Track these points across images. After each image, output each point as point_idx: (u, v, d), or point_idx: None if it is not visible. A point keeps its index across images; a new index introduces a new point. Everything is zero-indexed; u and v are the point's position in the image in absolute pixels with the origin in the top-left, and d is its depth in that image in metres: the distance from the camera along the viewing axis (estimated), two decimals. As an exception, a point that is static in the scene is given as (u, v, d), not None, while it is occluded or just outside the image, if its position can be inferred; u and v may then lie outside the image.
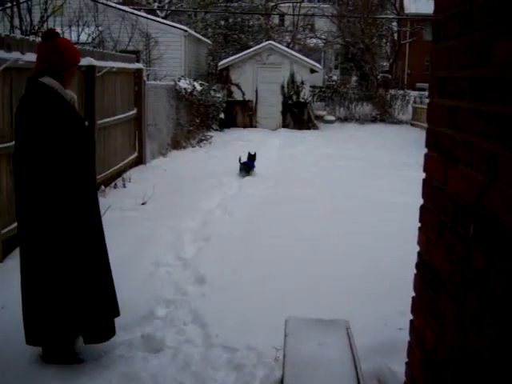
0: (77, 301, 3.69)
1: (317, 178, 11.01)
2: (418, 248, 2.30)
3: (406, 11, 40.91)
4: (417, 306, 2.29)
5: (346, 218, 7.82)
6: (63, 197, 3.54)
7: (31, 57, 6.04)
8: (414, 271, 2.41)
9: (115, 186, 9.06)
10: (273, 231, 7.08)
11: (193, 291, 5.20)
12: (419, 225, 2.27)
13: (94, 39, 13.39)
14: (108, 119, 9.20)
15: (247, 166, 10.97)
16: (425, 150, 2.33)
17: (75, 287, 3.68)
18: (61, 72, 3.62)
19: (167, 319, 4.57)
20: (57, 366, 3.71)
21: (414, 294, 2.42)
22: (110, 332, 3.88)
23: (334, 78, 36.54)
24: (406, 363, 2.50)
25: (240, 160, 11.00)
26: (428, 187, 2.15)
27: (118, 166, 9.69)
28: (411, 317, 2.43)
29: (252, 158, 11.00)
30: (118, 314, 4.01)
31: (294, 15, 32.59)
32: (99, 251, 3.86)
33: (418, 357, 2.23)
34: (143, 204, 8.22)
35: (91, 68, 8.20)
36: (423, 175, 2.23)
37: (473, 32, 1.68)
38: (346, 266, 5.87)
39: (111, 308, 3.96)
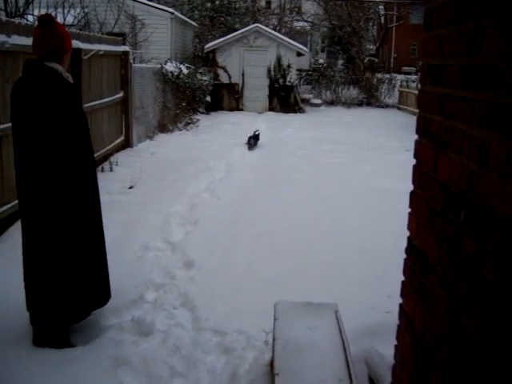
0: (75, 281, 3.78)
1: (304, 162, 11.04)
2: (407, 233, 2.33)
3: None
4: (406, 290, 2.33)
5: (333, 203, 7.87)
6: (65, 176, 3.64)
7: (17, 39, 6.00)
8: (404, 256, 2.44)
9: (102, 170, 9.02)
10: (261, 215, 7.11)
11: (182, 275, 5.23)
12: (409, 210, 2.29)
13: (79, 21, 13.23)
14: (94, 102, 9.15)
15: (254, 140, 13.16)
16: (411, 134, 2.35)
17: (74, 267, 3.78)
18: (61, 56, 3.75)
19: (157, 303, 4.60)
20: (48, 349, 3.72)
21: (403, 279, 2.45)
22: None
23: (321, 61, 36.49)
24: (395, 346, 2.55)
25: (249, 136, 13.30)
26: (418, 173, 2.18)
27: (104, 150, 9.65)
28: (400, 301, 2.46)
29: (256, 136, 13.35)
30: (109, 296, 4.09)
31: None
32: (96, 230, 3.95)
33: (408, 340, 2.27)
34: (131, 188, 8.21)
35: (77, 51, 8.12)
36: (414, 161, 2.25)
37: (465, 21, 1.69)
38: (335, 251, 5.92)
39: (104, 292, 4.04)
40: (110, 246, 4.28)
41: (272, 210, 7.36)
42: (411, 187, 2.27)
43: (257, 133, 13.46)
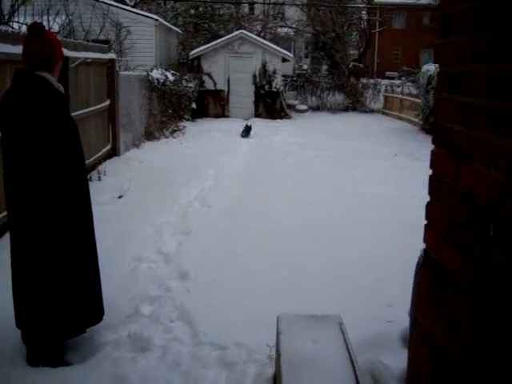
0: (66, 297, 3.66)
1: (293, 169, 10.98)
2: (402, 240, 2.26)
3: (377, 0, 41.12)
4: (423, 304, 2.25)
5: (326, 210, 7.80)
6: (57, 187, 3.55)
7: (4, 48, 5.87)
8: (398, 262, 2.37)
9: (90, 179, 8.86)
10: (254, 223, 7.02)
11: (177, 287, 5.11)
12: (425, 222, 2.22)
13: (64, 28, 13.07)
14: (81, 111, 9.02)
15: (248, 130, 16.21)
16: (398, 139, 2.29)
17: (65, 282, 3.67)
18: (53, 65, 3.66)
19: (153, 317, 4.48)
20: (42, 368, 3.60)
21: (417, 290, 2.37)
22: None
23: (305, 67, 36.53)
24: (409, 359, 2.47)
25: (244, 127, 16.46)
26: (435, 184, 2.10)
27: (92, 159, 9.52)
28: (400, 310, 2.38)
29: (248, 128, 16.33)
30: (102, 312, 3.97)
31: (264, 4, 32.39)
32: (89, 244, 3.85)
33: (426, 356, 2.19)
34: (120, 197, 8.08)
35: (64, 59, 7.98)
36: (430, 171, 2.18)
37: (492, 26, 1.63)
38: (330, 259, 5.84)
39: (96, 310, 3.92)
40: (101, 257, 4.16)
41: (265, 218, 7.28)
42: (402, 193, 2.21)
43: (249, 124, 16.50)
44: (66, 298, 3.68)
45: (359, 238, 6.57)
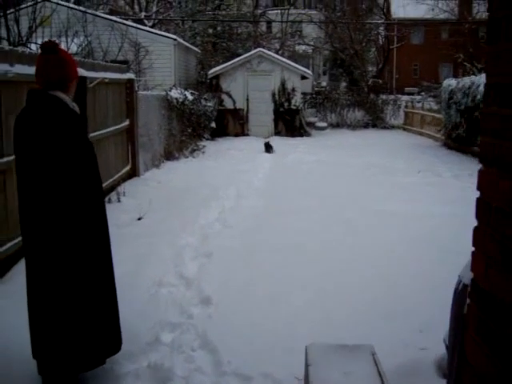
0: (84, 326, 3.49)
1: (314, 187, 10.78)
2: (428, 259, 2.04)
3: (394, 16, 41.01)
4: (471, 340, 2.03)
5: (349, 229, 7.59)
6: (73, 211, 3.41)
7: (20, 69, 5.79)
8: (430, 285, 2.14)
9: (109, 201, 8.76)
10: (275, 245, 6.81)
11: (198, 313, 4.92)
12: (473, 249, 2.01)
13: (83, 49, 13.08)
14: (100, 132, 8.93)
15: (269, 147, 16.77)
16: (421, 155, 2.09)
17: (83, 310, 3.51)
18: (67, 84, 3.54)
19: (174, 345, 4.29)
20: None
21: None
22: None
23: (323, 84, 36.39)
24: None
25: (265, 144, 17.13)
26: (485, 208, 1.90)
27: (111, 180, 9.41)
28: (434, 336, 2.16)
29: (269, 145, 16.91)
30: (120, 342, 3.79)
31: (282, 22, 32.42)
32: (106, 270, 3.69)
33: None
34: (139, 219, 7.94)
35: (82, 79, 7.90)
36: (477, 193, 1.97)
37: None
38: (356, 281, 5.63)
39: (115, 339, 3.73)
40: (120, 282, 4.00)
41: (286, 239, 7.07)
42: (428, 211, 2.00)
43: (268, 142, 17.14)
44: (84, 326, 3.51)
45: (385, 258, 6.35)
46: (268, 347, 4.20)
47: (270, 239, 7.07)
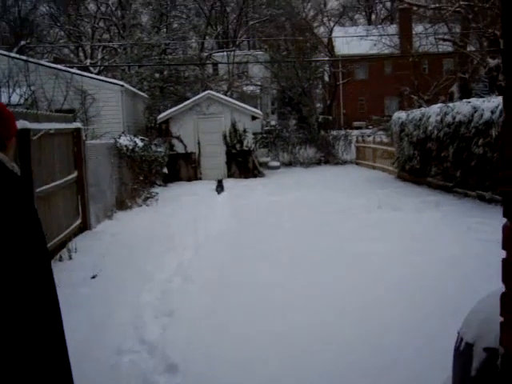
0: None
1: (273, 230, 10.39)
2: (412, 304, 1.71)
3: (338, 53, 41.86)
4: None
5: (319, 274, 7.22)
6: (11, 283, 2.89)
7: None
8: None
9: (60, 259, 8.21)
10: (243, 300, 6.32)
11: (165, 383, 4.44)
12: (501, 319, 1.68)
13: (26, 100, 12.56)
14: (47, 186, 8.42)
15: (221, 187, 17.57)
16: (377, 188, 1.77)
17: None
18: (4, 143, 3.07)
19: (139, 427, 3.82)
20: None
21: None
22: None
23: (273, 123, 36.52)
24: None
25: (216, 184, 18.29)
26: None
27: (62, 236, 8.86)
28: None
29: (221, 183, 17.96)
30: None
31: (228, 63, 32.50)
32: (56, 340, 3.18)
33: None
34: (93, 277, 7.41)
35: (25, 131, 7.44)
36: (503, 253, 1.65)
37: None
38: (331, 337, 5.21)
39: None
40: (75, 352, 3.48)
41: (251, 291, 6.59)
42: (397, 249, 1.66)
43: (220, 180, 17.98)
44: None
45: (367, 308, 5.91)
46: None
47: (234, 294, 6.57)
